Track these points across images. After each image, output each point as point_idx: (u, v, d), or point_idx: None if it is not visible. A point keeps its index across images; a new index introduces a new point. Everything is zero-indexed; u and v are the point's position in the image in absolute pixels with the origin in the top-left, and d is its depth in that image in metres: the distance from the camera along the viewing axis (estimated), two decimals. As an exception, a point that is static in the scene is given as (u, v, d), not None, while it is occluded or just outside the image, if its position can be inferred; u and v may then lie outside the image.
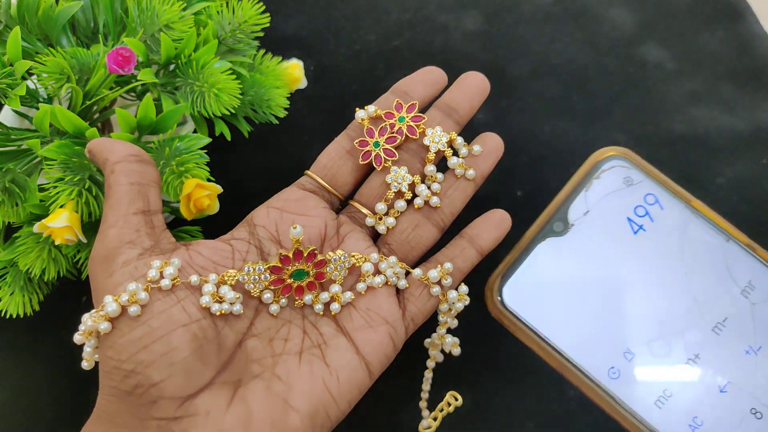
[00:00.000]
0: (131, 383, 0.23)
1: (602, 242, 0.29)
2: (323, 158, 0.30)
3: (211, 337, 0.25)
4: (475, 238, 0.30)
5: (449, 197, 0.30)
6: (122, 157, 0.27)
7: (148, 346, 0.23)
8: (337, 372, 0.26)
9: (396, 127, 0.29)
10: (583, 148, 0.42)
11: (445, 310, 0.29)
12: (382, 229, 0.29)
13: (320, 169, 0.30)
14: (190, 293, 0.25)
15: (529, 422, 0.33)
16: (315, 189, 0.30)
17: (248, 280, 0.26)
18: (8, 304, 0.31)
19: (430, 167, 0.30)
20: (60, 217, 0.28)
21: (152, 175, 0.27)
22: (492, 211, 0.30)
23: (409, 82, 0.31)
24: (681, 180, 0.40)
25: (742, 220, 0.39)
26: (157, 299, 0.24)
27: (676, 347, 0.27)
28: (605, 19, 0.46)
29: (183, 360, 0.23)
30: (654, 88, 0.44)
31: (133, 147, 0.27)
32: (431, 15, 0.47)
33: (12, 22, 0.32)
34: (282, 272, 0.27)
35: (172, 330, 0.24)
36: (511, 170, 0.41)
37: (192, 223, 0.34)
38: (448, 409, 0.32)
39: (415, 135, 0.29)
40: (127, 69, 0.29)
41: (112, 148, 0.27)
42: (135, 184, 0.26)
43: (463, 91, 0.31)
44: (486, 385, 0.34)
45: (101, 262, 0.25)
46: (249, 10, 0.33)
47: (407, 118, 0.29)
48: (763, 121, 0.42)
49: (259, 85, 0.34)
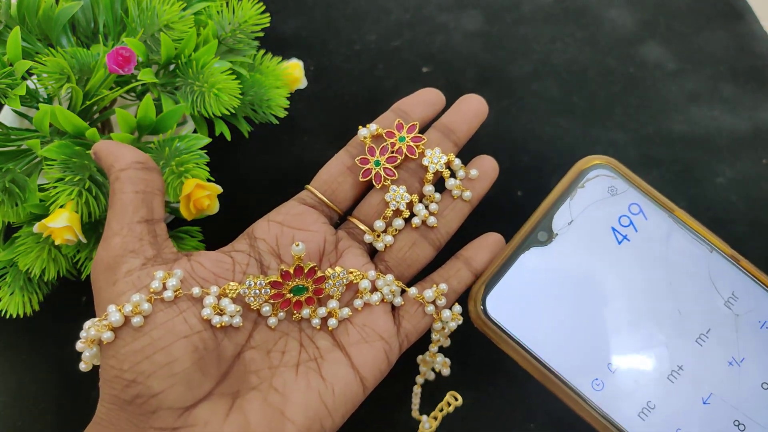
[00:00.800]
0: (132, 393, 0.23)
1: (587, 252, 0.28)
2: (324, 174, 0.31)
3: (211, 349, 0.25)
4: (470, 260, 0.30)
5: (445, 217, 0.31)
6: (128, 164, 0.27)
7: (149, 357, 0.23)
8: (333, 385, 0.26)
9: (396, 147, 0.30)
10: (583, 148, 0.42)
11: (438, 328, 0.30)
12: (380, 246, 0.30)
13: (321, 184, 0.31)
14: (192, 305, 0.25)
15: (529, 422, 0.33)
16: (315, 204, 0.30)
17: (249, 294, 0.26)
18: (8, 304, 0.31)
19: (429, 187, 0.30)
20: (60, 218, 0.28)
21: (157, 182, 0.27)
22: (487, 235, 0.31)
23: (409, 102, 0.32)
24: (681, 180, 0.40)
25: (742, 220, 0.39)
26: (160, 310, 0.25)
27: (659, 358, 0.27)
28: (606, 19, 0.46)
29: (184, 371, 0.24)
30: (654, 87, 0.44)
31: (139, 153, 0.27)
32: (431, 15, 0.47)
33: (12, 22, 0.32)
34: (282, 287, 0.27)
35: (174, 341, 0.24)
36: (511, 170, 0.41)
37: (192, 223, 0.34)
38: (448, 409, 0.32)
39: (414, 155, 0.30)
40: (127, 69, 0.29)
41: (118, 153, 0.27)
42: (140, 192, 0.26)
43: (462, 113, 0.31)
44: (486, 385, 0.34)
45: (104, 270, 0.25)
46: (249, 10, 0.33)
47: (407, 138, 0.30)
48: (763, 121, 0.42)
49: (259, 85, 0.34)
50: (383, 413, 0.34)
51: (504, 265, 0.29)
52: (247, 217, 0.31)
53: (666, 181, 0.41)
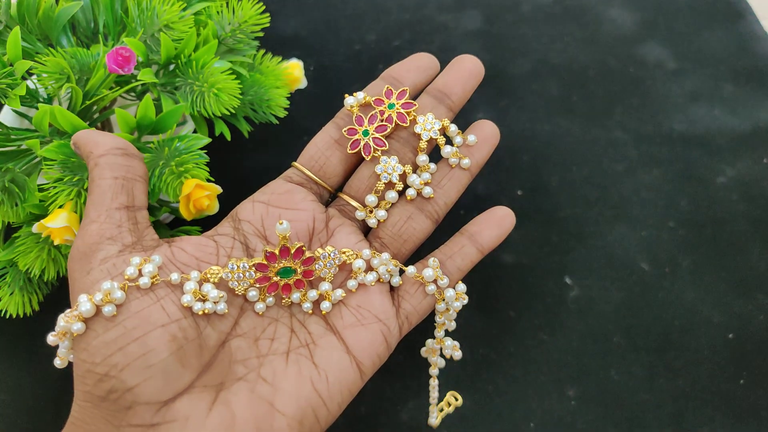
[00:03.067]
0: (105, 387, 0.22)
1: None
2: (311, 149, 0.29)
3: (191, 338, 0.23)
4: (475, 235, 0.28)
5: (443, 188, 0.28)
6: (107, 150, 0.25)
7: (122, 348, 0.22)
8: (327, 372, 0.25)
9: (386, 115, 0.28)
10: (583, 147, 0.42)
11: (442, 309, 0.28)
12: (372, 222, 0.28)
13: (307, 160, 0.29)
14: (171, 291, 0.24)
15: (530, 422, 0.33)
16: (302, 181, 0.28)
17: (232, 278, 0.25)
18: (8, 304, 0.31)
19: (422, 157, 0.28)
20: (59, 218, 0.28)
21: (138, 169, 0.26)
22: (495, 208, 0.29)
23: (399, 67, 0.29)
24: (682, 179, 0.40)
25: (743, 220, 0.39)
26: (135, 298, 0.23)
27: None
28: (606, 18, 0.46)
29: (160, 362, 0.22)
30: (654, 87, 0.44)
31: (119, 140, 0.26)
32: (431, 15, 0.47)
33: (12, 22, 0.32)
34: (268, 270, 0.25)
35: (150, 331, 0.23)
36: (511, 170, 0.41)
37: (192, 223, 0.34)
38: (448, 409, 0.32)
39: (405, 123, 0.28)
40: (127, 69, 0.29)
41: (97, 140, 0.26)
42: (119, 178, 0.25)
43: (456, 74, 0.29)
44: (486, 385, 0.34)
45: (80, 259, 0.24)
46: (249, 10, 0.33)
47: (397, 105, 0.28)
48: (763, 121, 0.42)
49: (259, 85, 0.34)
50: (384, 411, 0.34)
51: None
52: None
53: (666, 180, 0.41)
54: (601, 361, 0.35)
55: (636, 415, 0.33)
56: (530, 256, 0.38)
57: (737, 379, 0.34)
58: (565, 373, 0.34)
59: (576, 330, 0.36)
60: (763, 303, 0.36)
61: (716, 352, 0.35)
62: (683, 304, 0.36)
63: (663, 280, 0.37)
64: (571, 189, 0.41)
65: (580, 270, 0.38)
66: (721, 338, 0.35)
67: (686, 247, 0.38)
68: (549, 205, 0.40)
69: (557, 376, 0.34)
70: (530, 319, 0.36)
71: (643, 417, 0.33)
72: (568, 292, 0.37)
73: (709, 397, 0.34)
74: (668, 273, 0.37)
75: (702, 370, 0.34)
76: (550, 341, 0.35)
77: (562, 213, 0.40)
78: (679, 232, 0.39)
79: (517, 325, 0.36)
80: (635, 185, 0.40)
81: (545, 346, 0.35)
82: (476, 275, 0.37)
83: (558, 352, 0.35)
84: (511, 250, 0.38)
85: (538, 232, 0.39)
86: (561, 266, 0.38)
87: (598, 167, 0.41)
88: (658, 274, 0.37)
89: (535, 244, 0.39)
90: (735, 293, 0.37)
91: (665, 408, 0.33)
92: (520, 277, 0.38)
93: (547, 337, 0.36)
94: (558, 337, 0.36)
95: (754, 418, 0.33)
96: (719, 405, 0.33)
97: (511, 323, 0.36)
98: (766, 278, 0.37)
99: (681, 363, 0.35)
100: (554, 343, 0.35)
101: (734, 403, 0.33)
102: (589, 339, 0.35)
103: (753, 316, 0.36)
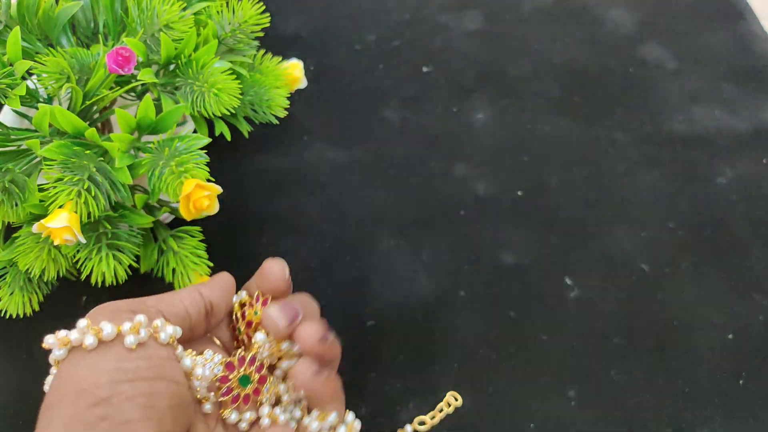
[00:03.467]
0: (98, 413, 0.20)
1: None
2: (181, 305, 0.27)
3: (186, 403, 0.24)
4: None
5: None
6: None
7: (132, 381, 0.22)
8: None
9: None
10: (583, 148, 0.42)
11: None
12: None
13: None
14: (180, 359, 0.25)
15: (530, 422, 0.33)
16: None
17: (204, 363, 0.25)
18: (8, 304, 0.31)
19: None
20: (59, 218, 0.28)
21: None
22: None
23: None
24: (682, 179, 0.40)
25: (743, 220, 0.39)
26: (152, 347, 0.23)
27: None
28: (606, 18, 0.46)
29: (161, 409, 0.22)
30: (654, 87, 0.44)
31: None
32: (431, 15, 0.47)
33: (12, 22, 0.32)
34: (232, 372, 0.26)
35: (159, 377, 0.23)
36: (511, 170, 0.41)
37: (192, 223, 0.34)
38: (447, 410, 0.32)
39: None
40: (127, 69, 0.29)
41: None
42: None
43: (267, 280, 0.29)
44: (486, 385, 0.34)
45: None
46: (249, 10, 0.33)
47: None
48: (763, 121, 0.42)
49: (259, 85, 0.34)
50: (384, 411, 0.34)
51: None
52: (246, 218, 0.31)
53: (666, 181, 0.41)
54: (601, 362, 0.35)
55: (636, 415, 0.33)
56: (530, 257, 0.38)
57: (737, 380, 0.34)
58: (565, 374, 0.34)
59: (576, 330, 0.36)
60: (763, 303, 0.36)
61: (716, 352, 0.35)
62: (683, 305, 0.36)
63: (663, 281, 0.37)
64: (571, 189, 0.41)
65: (580, 270, 0.38)
66: (721, 338, 0.35)
67: (686, 248, 0.38)
68: (549, 206, 0.40)
69: (557, 376, 0.34)
70: (530, 319, 0.36)
71: (643, 417, 0.33)
72: (568, 293, 0.37)
73: (709, 397, 0.34)
74: (668, 273, 0.37)
75: (702, 370, 0.34)
76: (550, 341, 0.35)
77: (562, 213, 0.40)
78: (678, 233, 0.39)
79: (517, 326, 0.36)
80: (635, 185, 0.40)
81: (545, 347, 0.35)
82: (476, 275, 0.37)
83: (558, 353, 0.35)
84: (511, 250, 0.38)
85: (538, 233, 0.39)
86: (561, 267, 0.38)
87: (598, 167, 0.41)
88: (658, 274, 0.37)
89: (535, 245, 0.39)
90: (734, 294, 0.37)
91: (665, 408, 0.33)
92: (520, 277, 0.38)
93: (547, 338, 0.36)
94: (558, 337, 0.36)
95: (753, 418, 0.33)
96: (719, 405, 0.33)
97: (512, 323, 0.36)
98: (765, 279, 0.37)
99: (681, 363, 0.35)
100: (554, 343, 0.35)
101: (734, 403, 0.33)
102: (589, 339, 0.35)
103: (752, 316, 0.36)
